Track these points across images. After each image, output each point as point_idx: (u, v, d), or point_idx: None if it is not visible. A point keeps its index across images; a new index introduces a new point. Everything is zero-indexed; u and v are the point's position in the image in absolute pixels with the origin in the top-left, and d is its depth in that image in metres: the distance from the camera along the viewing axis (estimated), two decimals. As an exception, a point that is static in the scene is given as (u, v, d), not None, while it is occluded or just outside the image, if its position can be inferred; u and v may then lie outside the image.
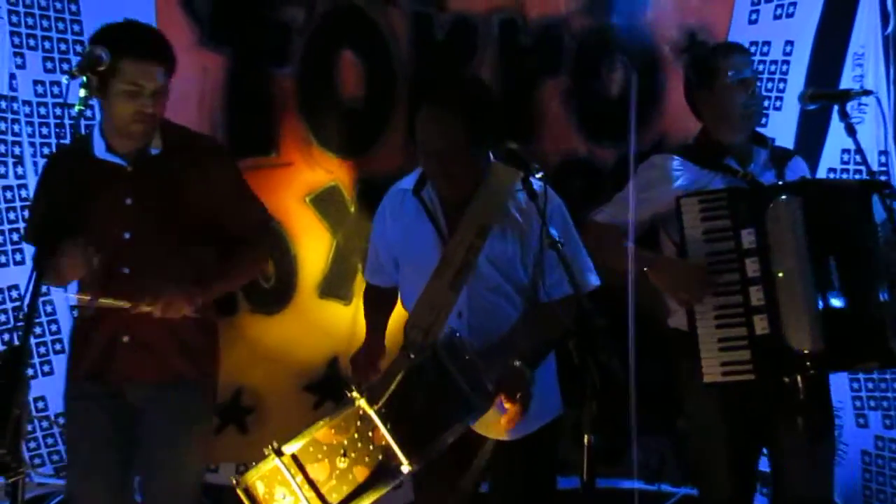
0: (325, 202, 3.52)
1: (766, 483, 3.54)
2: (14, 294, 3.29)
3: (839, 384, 3.42)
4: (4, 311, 3.31)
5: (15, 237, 3.30)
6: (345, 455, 2.25)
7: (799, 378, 2.74)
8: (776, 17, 3.52)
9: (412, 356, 2.43)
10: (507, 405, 2.48)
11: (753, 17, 3.56)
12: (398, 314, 2.89)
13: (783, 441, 2.89)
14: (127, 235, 2.70)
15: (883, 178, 3.17)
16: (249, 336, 3.46)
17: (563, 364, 2.80)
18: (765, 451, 3.03)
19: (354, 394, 2.25)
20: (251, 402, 3.47)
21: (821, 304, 2.69)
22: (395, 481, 2.28)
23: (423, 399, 2.34)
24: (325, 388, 3.50)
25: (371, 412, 2.24)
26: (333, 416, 2.28)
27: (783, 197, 2.75)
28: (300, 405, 3.48)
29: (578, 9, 3.54)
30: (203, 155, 2.81)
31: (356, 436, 2.26)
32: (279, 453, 2.25)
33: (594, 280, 2.74)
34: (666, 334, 3.03)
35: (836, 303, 2.70)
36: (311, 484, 2.24)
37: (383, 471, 2.26)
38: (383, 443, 2.24)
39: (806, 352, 2.68)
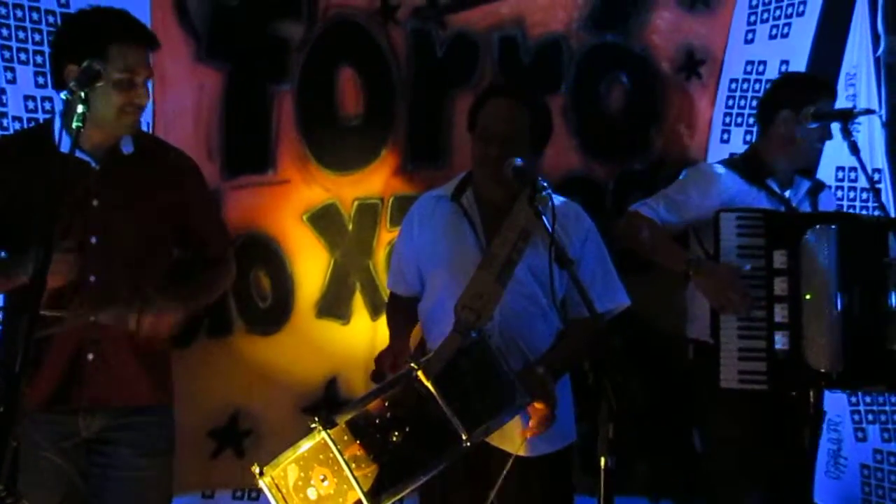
0: (322, 220, 3.45)
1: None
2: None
3: (837, 398, 3.48)
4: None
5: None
6: (398, 429, 2.16)
7: (812, 394, 2.88)
8: (771, 37, 3.58)
9: (464, 335, 2.41)
10: (538, 406, 2.45)
11: (749, 36, 3.60)
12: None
13: (784, 448, 2.98)
14: (94, 240, 2.47)
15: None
16: (246, 357, 3.37)
17: (575, 385, 2.79)
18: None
19: (413, 364, 2.20)
20: (248, 425, 3.38)
21: (844, 329, 2.84)
22: (454, 456, 2.20)
23: (475, 378, 2.32)
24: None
25: (428, 384, 2.19)
26: (385, 387, 2.19)
27: (820, 226, 2.89)
28: (298, 427, 3.36)
29: (578, 26, 3.55)
30: (177, 165, 2.68)
31: (413, 406, 2.19)
32: (330, 423, 2.13)
33: (624, 299, 2.74)
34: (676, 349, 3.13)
35: (857, 329, 2.86)
36: (373, 452, 2.11)
37: (441, 445, 2.18)
38: (441, 415, 2.17)
39: (823, 371, 2.83)
